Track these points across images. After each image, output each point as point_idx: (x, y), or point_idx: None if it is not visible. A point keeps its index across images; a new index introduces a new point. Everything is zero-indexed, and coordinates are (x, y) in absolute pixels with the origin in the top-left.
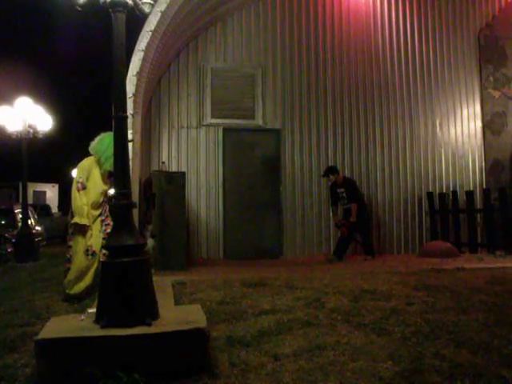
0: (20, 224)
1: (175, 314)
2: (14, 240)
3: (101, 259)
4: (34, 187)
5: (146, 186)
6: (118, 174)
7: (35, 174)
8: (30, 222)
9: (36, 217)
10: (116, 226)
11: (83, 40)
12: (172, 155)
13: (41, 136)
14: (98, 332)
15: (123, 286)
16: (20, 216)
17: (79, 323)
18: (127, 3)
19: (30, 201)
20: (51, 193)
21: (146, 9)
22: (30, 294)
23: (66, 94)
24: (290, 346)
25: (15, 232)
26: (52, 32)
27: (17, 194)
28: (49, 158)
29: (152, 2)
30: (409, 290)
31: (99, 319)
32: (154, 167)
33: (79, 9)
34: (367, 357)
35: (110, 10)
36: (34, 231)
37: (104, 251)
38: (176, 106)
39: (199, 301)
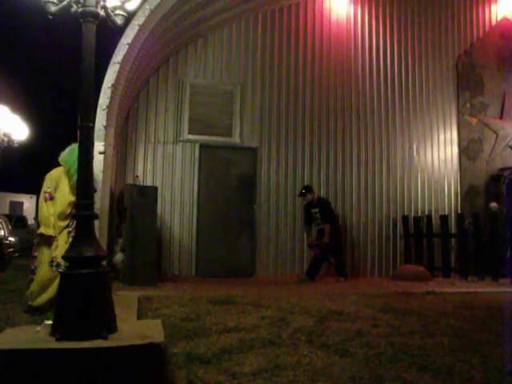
0: None
1: (134, 328)
2: None
3: (59, 270)
4: (11, 197)
5: (119, 199)
6: (80, 185)
7: (13, 185)
8: (2, 231)
9: (10, 227)
10: (77, 236)
11: (60, 49)
12: (147, 170)
13: (16, 145)
14: (52, 344)
15: (80, 297)
16: None
17: (35, 335)
18: (98, 14)
19: (6, 211)
20: (28, 204)
21: (119, 21)
22: None
23: (44, 103)
24: (250, 364)
25: None
26: (29, 40)
27: None
28: (28, 168)
29: (125, 14)
30: (376, 313)
31: (55, 331)
32: (129, 181)
33: (50, 17)
34: (327, 378)
35: (81, 19)
36: (6, 241)
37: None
38: (153, 121)
39: (164, 316)
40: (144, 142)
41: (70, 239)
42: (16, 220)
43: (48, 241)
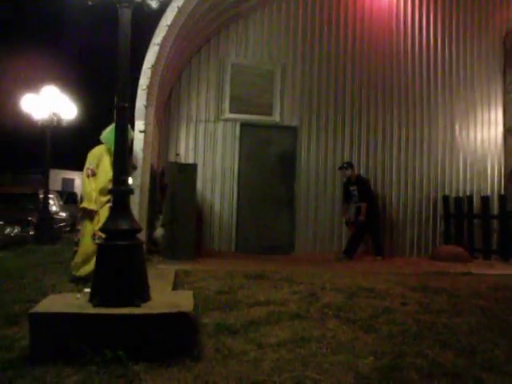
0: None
1: (167, 298)
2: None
3: (94, 242)
4: (63, 174)
5: (161, 176)
6: (116, 161)
7: (65, 162)
8: (54, 207)
9: (61, 203)
10: (113, 210)
11: (108, 31)
12: (189, 148)
13: (65, 124)
14: (89, 310)
15: (116, 267)
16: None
17: (74, 301)
18: None
19: (59, 187)
20: (79, 180)
21: (153, 4)
22: (40, 274)
23: (93, 83)
24: (276, 336)
25: None
26: (81, 23)
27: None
28: (78, 146)
29: None
30: (406, 291)
31: (93, 298)
32: (172, 159)
33: (90, 3)
34: (349, 351)
35: (117, 4)
36: (57, 216)
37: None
38: (195, 100)
39: (199, 289)
40: (186, 121)
41: None
42: (67, 196)
43: (90, 215)
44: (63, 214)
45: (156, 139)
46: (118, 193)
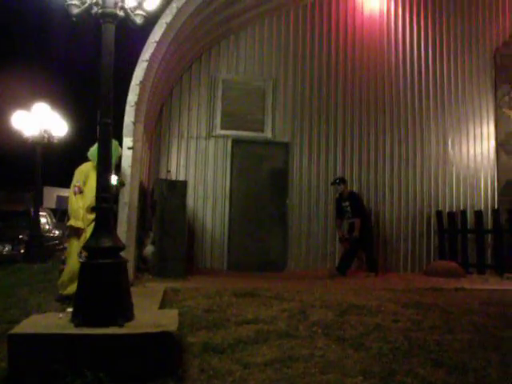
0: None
1: (152, 317)
2: None
3: (80, 260)
4: (57, 192)
5: (152, 193)
6: (99, 179)
7: (60, 180)
8: (47, 225)
9: (54, 220)
10: (96, 228)
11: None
12: (180, 164)
13: (56, 141)
14: (69, 330)
15: (99, 286)
16: (41, 219)
17: (56, 321)
18: (117, 15)
19: (53, 205)
20: None
21: (138, 20)
22: (27, 293)
23: (84, 99)
24: (263, 355)
25: None
26: (70, 39)
27: (40, 197)
28: (73, 163)
29: (144, 14)
30: (398, 308)
31: (74, 318)
32: (163, 176)
33: (74, 19)
34: (338, 371)
35: (101, 20)
36: (50, 234)
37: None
38: (186, 116)
39: (187, 307)
40: (177, 138)
41: None
42: (61, 213)
43: (77, 233)
44: (56, 232)
45: (146, 156)
46: (101, 210)
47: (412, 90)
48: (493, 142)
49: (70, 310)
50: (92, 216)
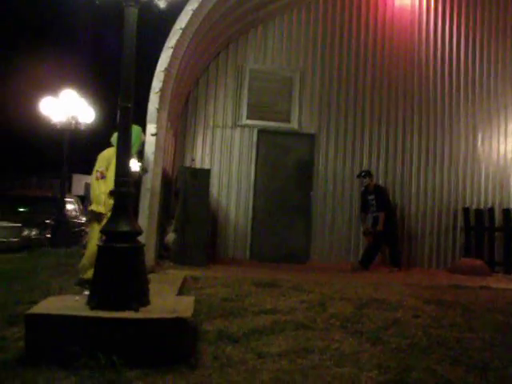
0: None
1: (168, 303)
2: None
3: (97, 243)
4: (86, 179)
5: (175, 181)
6: (119, 163)
7: (89, 168)
8: (74, 211)
9: (82, 207)
10: (114, 212)
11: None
12: (205, 153)
13: (83, 128)
14: (84, 312)
15: (115, 270)
16: (68, 205)
17: (72, 303)
18: None
19: (81, 192)
20: None
21: (161, 4)
22: (49, 276)
23: (110, 86)
24: (278, 346)
25: None
26: (98, 24)
27: (69, 184)
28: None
29: None
30: (419, 303)
31: (90, 301)
32: (187, 164)
33: (97, 2)
34: (354, 364)
35: (124, 3)
36: (77, 220)
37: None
38: (212, 106)
39: (205, 295)
40: (203, 127)
41: None
42: (88, 201)
43: (98, 218)
44: (83, 219)
45: (171, 144)
46: (119, 194)
47: (442, 83)
48: None
49: (87, 292)
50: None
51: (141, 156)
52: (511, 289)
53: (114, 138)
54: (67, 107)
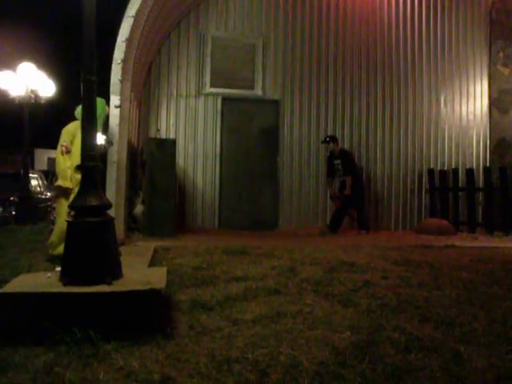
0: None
1: (141, 275)
2: None
3: (66, 219)
4: (49, 154)
5: (141, 153)
6: (84, 137)
7: (51, 142)
8: (38, 187)
9: (46, 182)
10: (82, 186)
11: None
12: (170, 123)
13: (43, 101)
14: (57, 288)
15: (86, 245)
16: (32, 181)
17: (45, 280)
18: None
19: (45, 167)
20: None
21: None
22: (17, 253)
23: (71, 58)
24: (252, 312)
25: None
26: None
27: (31, 160)
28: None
29: None
30: (388, 265)
31: (63, 277)
32: (152, 135)
33: None
34: (326, 326)
35: None
36: (42, 196)
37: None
38: (175, 75)
39: (177, 265)
40: (167, 96)
41: None
42: (53, 175)
43: (66, 192)
44: (48, 194)
45: (135, 115)
46: (87, 168)
47: (404, 47)
48: (486, 100)
49: (58, 269)
50: (80, 175)
51: (106, 129)
52: (475, 247)
53: (78, 111)
54: (26, 81)
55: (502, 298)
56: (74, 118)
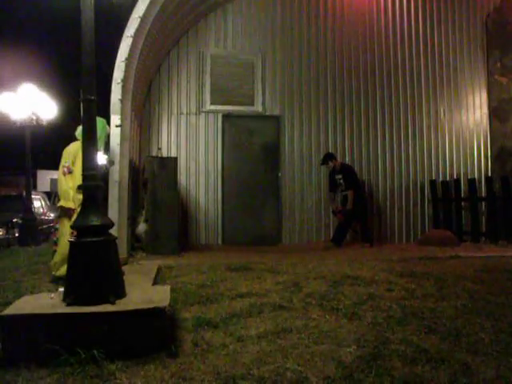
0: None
1: (144, 294)
2: None
3: (69, 239)
4: (51, 175)
5: (143, 171)
6: (85, 156)
7: (53, 162)
8: (41, 208)
9: (49, 203)
10: (84, 206)
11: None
12: (171, 141)
13: (45, 123)
14: (61, 309)
15: (89, 265)
16: (35, 202)
17: (48, 301)
18: None
19: (47, 188)
20: None
21: None
22: (21, 275)
23: (72, 79)
24: (257, 328)
25: None
26: (56, 18)
27: (33, 181)
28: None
29: None
30: (392, 277)
31: (66, 297)
32: (154, 154)
33: None
34: (332, 341)
35: None
36: (45, 217)
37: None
38: (176, 93)
39: (181, 283)
40: (167, 114)
41: None
42: (55, 196)
43: (68, 213)
44: (51, 215)
45: (136, 134)
46: (88, 188)
47: (403, 58)
48: (485, 110)
49: (61, 289)
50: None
51: (107, 148)
52: (480, 257)
53: (79, 131)
54: (27, 103)
55: (508, 308)
56: (74, 139)
